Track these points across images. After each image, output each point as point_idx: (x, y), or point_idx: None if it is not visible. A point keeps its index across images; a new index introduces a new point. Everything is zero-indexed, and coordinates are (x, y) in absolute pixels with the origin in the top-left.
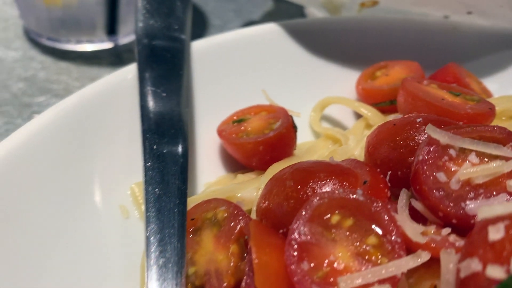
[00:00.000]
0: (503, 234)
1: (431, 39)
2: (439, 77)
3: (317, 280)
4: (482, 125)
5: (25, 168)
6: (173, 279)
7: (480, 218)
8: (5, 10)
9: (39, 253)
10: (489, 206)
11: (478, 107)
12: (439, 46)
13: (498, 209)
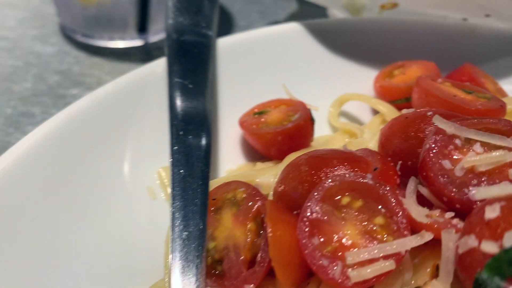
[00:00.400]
0: (498, 213)
1: (449, 41)
2: (454, 77)
3: (326, 253)
4: (487, 118)
5: (65, 149)
6: (195, 251)
7: (477, 198)
8: (43, 8)
9: (74, 226)
10: (486, 187)
11: (489, 104)
12: (457, 48)
13: (494, 190)
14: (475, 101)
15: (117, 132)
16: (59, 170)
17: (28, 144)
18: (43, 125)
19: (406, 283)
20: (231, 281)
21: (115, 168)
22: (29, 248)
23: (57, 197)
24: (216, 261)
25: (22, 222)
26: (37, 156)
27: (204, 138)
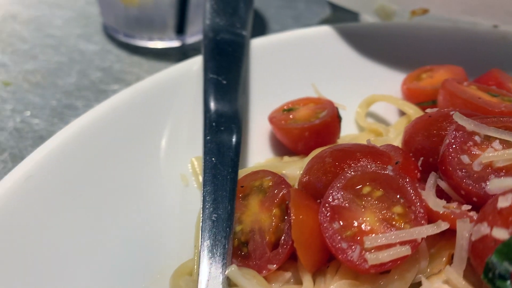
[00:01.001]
0: (511, 203)
1: (479, 47)
2: (481, 81)
3: (346, 237)
4: (507, 117)
5: (106, 137)
6: (223, 232)
7: (491, 188)
8: (88, 9)
9: (114, 206)
10: (499, 179)
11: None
12: (486, 54)
13: (508, 181)
14: (499, 104)
15: (155, 123)
16: (101, 155)
17: (73, 130)
18: (86, 114)
19: (422, 271)
20: (255, 261)
21: (152, 156)
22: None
23: (100, 179)
24: (242, 243)
25: (69, 197)
26: (80, 142)
27: (235, 130)
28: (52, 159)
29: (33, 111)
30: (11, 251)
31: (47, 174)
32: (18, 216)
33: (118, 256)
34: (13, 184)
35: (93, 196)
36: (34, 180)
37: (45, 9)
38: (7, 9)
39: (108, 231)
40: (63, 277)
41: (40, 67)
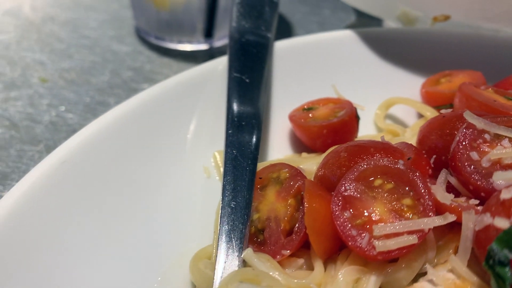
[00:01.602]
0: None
1: (500, 53)
2: (500, 86)
3: (356, 225)
4: None
5: (137, 129)
6: (241, 218)
7: (495, 180)
8: (121, 12)
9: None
10: (504, 172)
11: None
12: (507, 61)
13: (511, 174)
14: (508, 104)
15: (181, 118)
16: (130, 146)
17: (105, 122)
18: (117, 107)
19: (429, 261)
20: (270, 247)
21: (178, 148)
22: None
23: (128, 167)
24: (258, 230)
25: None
26: (111, 133)
27: (255, 125)
28: (84, 147)
29: (68, 106)
30: (45, 226)
31: (80, 161)
32: (52, 197)
33: (143, 239)
34: (48, 168)
35: (121, 182)
36: (68, 165)
37: (81, 12)
38: (47, 11)
39: (134, 216)
40: (91, 254)
41: (75, 66)
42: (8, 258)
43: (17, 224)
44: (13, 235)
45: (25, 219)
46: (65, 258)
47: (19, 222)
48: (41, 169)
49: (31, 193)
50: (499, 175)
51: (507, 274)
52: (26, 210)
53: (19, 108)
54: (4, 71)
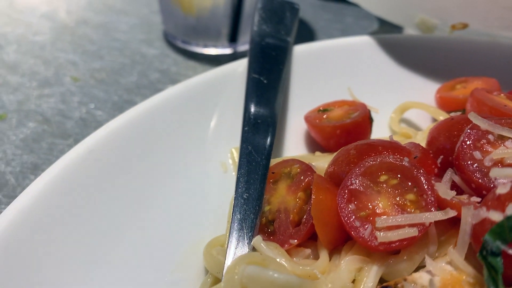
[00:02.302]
0: (508, 190)
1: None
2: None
3: (359, 217)
4: None
5: (160, 125)
6: (252, 209)
7: (492, 176)
8: (151, 17)
9: (159, 185)
10: (501, 168)
11: None
12: None
13: (507, 171)
14: None
15: (201, 115)
16: (153, 139)
17: (130, 116)
18: (143, 103)
19: (430, 255)
20: (279, 236)
21: (197, 144)
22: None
23: (150, 159)
24: (269, 222)
25: (123, 171)
26: (136, 126)
27: (270, 123)
28: (111, 138)
29: (97, 104)
30: (72, 208)
31: (106, 150)
32: (80, 182)
33: (161, 226)
34: (76, 156)
35: (143, 173)
36: (94, 154)
37: (113, 16)
38: (81, 15)
39: (154, 204)
40: (114, 237)
41: (105, 66)
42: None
43: (49, 203)
44: (46, 212)
45: (56, 200)
46: (89, 237)
47: (50, 202)
48: (71, 156)
49: (61, 177)
50: (496, 171)
51: (499, 264)
52: (57, 192)
53: (51, 105)
54: (39, 70)
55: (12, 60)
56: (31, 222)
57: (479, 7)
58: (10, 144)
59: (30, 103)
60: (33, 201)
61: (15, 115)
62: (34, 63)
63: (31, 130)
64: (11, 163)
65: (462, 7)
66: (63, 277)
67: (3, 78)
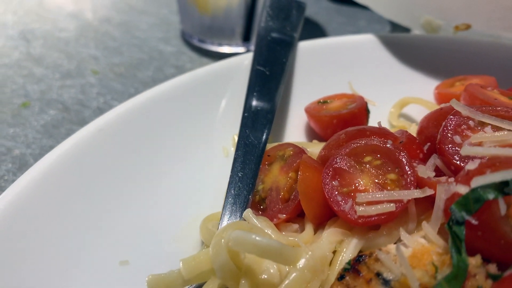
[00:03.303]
0: (476, 166)
1: None
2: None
3: (342, 192)
4: (502, 108)
5: (168, 109)
6: (246, 186)
7: (463, 154)
8: (170, 17)
9: (164, 167)
10: (470, 147)
11: None
12: None
13: (478, 149)
14: None
15: (207, 103)
16: (160, 123)
17: (140, 100)
18: (152, 89)
19: (409, 232)
20: (269, 211)
21: (202, 129)
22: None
23: (156, 140)
24: (262, 199)
25: (130, 150)
26: (144, 110)
27: (269, 111)
28: (120, 120)
29: (114, 95)
30: (82, 179)
31: (115, 130)
32: (89, 158)
33: (164, 202)
34: (87, 133)
35: (149, 153)
36: (103, 133)
37: (134, 15)
38: (104, 14)
39: (158, 182)
40: (120, 207)
41: (124, 61)
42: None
43: (62, 174)
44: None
45: (68, 171)
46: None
47: (63, 173)
48: (82, 134)
49: (73, 151)
50: (466, 149)
51: (462, 232)
52: (68, 165)
53: (72, 95)
54: (62, 63)
55: (38, 53)
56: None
57: (482, 8)
58: (32, 129)
59: (52, 92)
60: (47, 170)
61: (38, 103)
62: (58, 57)
63: (51, 117)
64: (31, 146)
65: (465, 8)
66: (72, 236)
67: (28, 70)
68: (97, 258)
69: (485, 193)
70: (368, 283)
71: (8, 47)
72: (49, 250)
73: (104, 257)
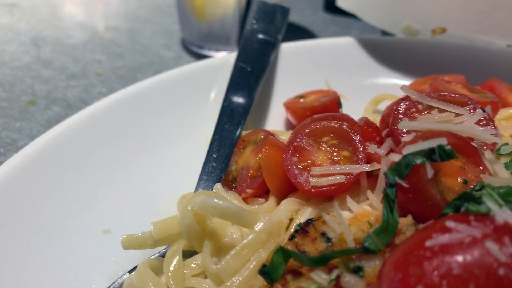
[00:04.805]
0: (411, 138)
1: (486, 62)
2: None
3: (299, 167)
4: (448, 93)
5: (156, 101)
6: (219, 166)
7: (400, 128)
8: (172, 25)
9: (151, 149)
10: (407, 122)
11: (481, 98)
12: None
13: (413, 124)
14: (471, 96)
15: (193, 96)
16: (149, 112)
17: (129, 92)
18: (141, 82)
19: (359, 202)
20: (239, 187)
21: (186, 120)
22: (123, 150)
23: (144, 127)
24: (234, 178)
25: (119, 134)
26: (133, 100)
27: (247, 100)
28: (109, 108)
29: None
30: (71, 158)
31: (105, 116)
32: (81, 138)
33: (147, 181)
34: (79, 118)
35: (137, 138)
36: (94, 118)
37: (139, 24)
38: (112, 22)
39: (144, 163)
40: (108, 183)
41: (126, 65)
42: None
43: (56, 151)
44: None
45: (61, 150)
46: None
47: (57, 150)
48: (75, 118)
49: (66, 132)
50: (402, 124)
51: (394, 193)
52: (63, 142)
53: (75, 94)
54: (69, 66)
55: (47, 57)
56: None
57: (456, 12)
58: (37, 123)
59: (57, 92)
60: (42, 149)
61: (44, 101)
62: (65, 60)
63: (55, 113)
64: (35, 138)
65: (440, 13)
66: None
67: (37, 72)
68: (83, 226)
69: (414, 159)
70: (314, 241)
71: (20, 52)
72: (40, 217)
73: (90, 225)
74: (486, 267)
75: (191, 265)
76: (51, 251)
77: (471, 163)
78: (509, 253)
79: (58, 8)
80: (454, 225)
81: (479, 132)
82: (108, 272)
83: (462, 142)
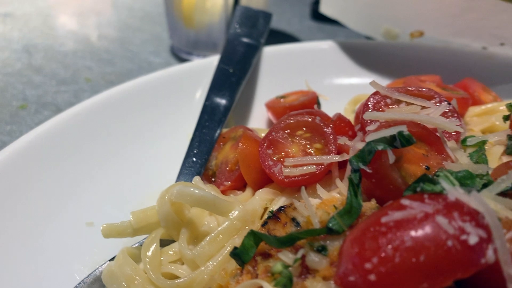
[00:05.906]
0: (376, 127)
1: (461, 63)
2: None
3: (274, 159)
4: (415, 88)
5: (140, 99)
6: (200, 161)
7: (365, 118)
8: (162, 33)
9: (136, 145)
10: (371, 112)
11: (453, 95)
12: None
13: (377, 114)
14: (442, 92)
15: (177, 96)
16: (136, 110)
17: (116, 91)
18: (130, 82)
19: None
20: (218, 180)
21: (169, 118)
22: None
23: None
24: (214, 173)
25: (107, 130)
26: (121, 98)
27: (228, 100)
28: (94, 107)
29: None
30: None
31: (90, 115)
32: (69, 134)
33: (132, 175)
34: (65, 117)
35: (121, 135)
36: (80, 117)
37: (130, 32)
38: (103, 31)
39: (127, 159)
40: (92, 176)
41: (115, 71)
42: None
43: (48, 143)
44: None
45: (52, 142)
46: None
47: (49, 142)
48: (61, 117)
49: (54, 129)
50: (367, 114)
51: (357, 178)
52: (46, 140)
53: (65, 98)
54: (59, 72)
55: (38, 64)
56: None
57: (431, 15)
58: (27, 127)
59: (48, 96)
60: (27, 145)
61: (34, 106)
62: (56, 67)
63: (45, 117)
64: None
65: (417, 16)
66: (47, 199)
67: (28, 78)
68: (67, 218)
69: (376, 145)
70: (284, 226)
71: (11, 59)
72: (25, 210)
73: (73, 218)
74: (436, 239)
75: (168, 252)
76: (35, 242)
77: (434, 151)
78: (458, 226)
79: (51, 18)
80: (409, 203)
81: (439, 121)
82: (90, 262)
83: (426, 131)
